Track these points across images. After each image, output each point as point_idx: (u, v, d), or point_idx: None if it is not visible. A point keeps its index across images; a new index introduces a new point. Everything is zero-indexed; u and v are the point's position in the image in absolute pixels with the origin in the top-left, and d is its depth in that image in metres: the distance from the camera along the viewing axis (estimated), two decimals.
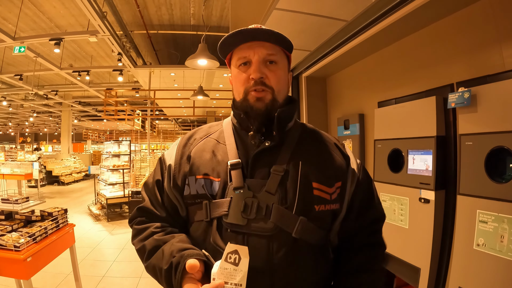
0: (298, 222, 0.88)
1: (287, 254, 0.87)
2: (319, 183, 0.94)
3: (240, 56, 0.98)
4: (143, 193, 1.10)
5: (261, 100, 0.95)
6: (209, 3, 6.45)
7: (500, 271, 1.63)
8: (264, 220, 0.88)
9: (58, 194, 11.45)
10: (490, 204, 1.70)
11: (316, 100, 3.96)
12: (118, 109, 10.45)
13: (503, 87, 1.67)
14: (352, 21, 2.49)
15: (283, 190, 0.91)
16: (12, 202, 3.10)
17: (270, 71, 0.96)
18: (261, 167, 0.95)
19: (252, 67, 0.95)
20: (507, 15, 1.78)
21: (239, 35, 0.95)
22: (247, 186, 0.91)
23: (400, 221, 2.35)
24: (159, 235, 0.95)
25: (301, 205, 0.90)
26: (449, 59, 2.15)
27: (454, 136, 2.07)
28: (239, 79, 0.99)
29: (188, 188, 0.98)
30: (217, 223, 0.91)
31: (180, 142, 1.10)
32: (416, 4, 1.96)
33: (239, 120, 1.04)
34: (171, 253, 0.85)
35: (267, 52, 0.96)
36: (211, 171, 0.97)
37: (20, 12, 6.31)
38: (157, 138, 24.38)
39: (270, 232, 0.87)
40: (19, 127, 28.94)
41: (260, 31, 0.94)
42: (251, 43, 0.96)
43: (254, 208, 0.89)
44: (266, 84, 0.95)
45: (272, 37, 0.95)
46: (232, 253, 0.78)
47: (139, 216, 1.06)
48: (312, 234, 0.91)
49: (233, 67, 1.03)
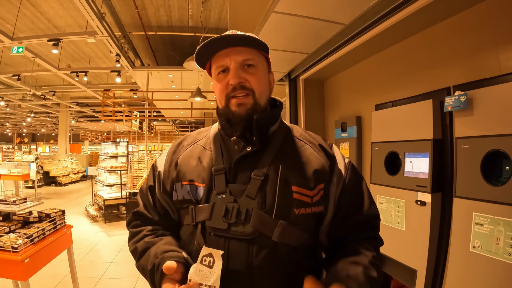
0: (278, 226, 0.90)
1: (266, 257, 0.88)
2: (299, 186, 0.95)
3: (218, 65, 1.00)
4: (138, 198, 1.16)
5: (242, 106, 0.97)
6: (207, 5, 6.45)
7: (496, 273, 1.64)
8: (244, 224, 0.90)
9: (55, 195, 11.43)
10: (486, 207, 1.71)
11: (313, 102, 3.97)
12: (116, 110, 10.43)
13: (500, 91, 1.68)
14: (350, 24, 2.50)
15: (263, 195, 0.93)
16: (10, 203, 3.09)
17: (249, 74, 0.98)
18: (242, 172, 0.97)
19: (230, 74, 0.97)
20: (503, 19, 1.79)
21: (213, 44, 0.97)
22: (229, 191, 0.94)
23: (397, 223, 2.37)
24: (150, 238, 1.01)
25: (280, 209, 0.92)
26: (446, 62, 2.17)
27: (451, 139, 2.08)
28: (219, 87, 1.01)
29: (175, 194, 1.02)
30: (201, 227, 0.94)
31: (170, 149, 1.14)
32: (413, 8, 1.98)
33: (223, 127, 1.07)
34: (156, 254, 0.90)
35: (243, 57, 0.97)
36: (196, 177, 1.00)
37: (19, 12, 6.30)
38: (155, 139, 24.33)
39: (249, 236, 0.89)
40: (17, 128, 28.84)
41: (233, 37, 0.96)
42: (227, 50, 0.98)
43: (234, 212, 0.91)
44: (247, 87, 0.97)
45: (246, 41, 0.97)
46: (207, 256, 0.82)
47: (134, 220, 1.11)
48: (293, 237, 0.92)
49: (213, 76, 1.05)
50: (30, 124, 25.40)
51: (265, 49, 1.03)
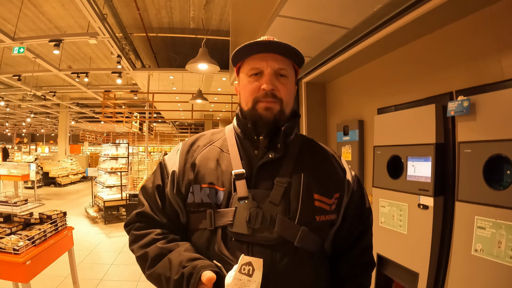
0: (300, 231, 0.92)
1: (289, 262, 0.90)
2: (320, 194, 0.98)
3: (252, 67, 1.00)
4: (141, 197, 1.09)
5: (269, 110, 0.98)
6: (209, 7, 6.46)
7: (497, 276, 1.65)
8: (269, 230, 0.91)
9: (54, 195, 11.40)
10: (488, 211, 1.72)
11: (315, 105, 3.98)
12: (116, 111, 10.43)
13: (502, 96, 1.70)
14: (354, 28, 2.51)
15: (287, 201, 0.94)
16: (11, 204, 3.09)
17: (281, 83, 0.99)
18: (265, 178, 0.97)
19: (264, 78, 0.98)
20: (506, 25, 1.80)
21: (255, 47, 0.98)
22: (251, 196, 0.93)
23: (399, 226, 2.38)
24: (162, 243, 0.96)
25: (303, 215, 0.94)
26: (449, 67, 2.18)
27: (453, 143, 2.10)
28: (249, 88, 1.01)
29: (192, 196, 0.99)
30: (221, 232, 0.93)
31: (183, 148, 1.10)
32: (416, 13, 1.99)
33: (243, 130, 1.05)
34: (180, 262, 0.86)
35: (279, 66, 0.99)
36: (216, 180, 0.98)
37: (20, 12, 6.29)
38: (155, 140, 24.32)
39: (274, 242, 0.90)
40: (16, 128, 28.77)
41: (275, 44, 0.97)
42: (265, 55, 0.99)
43: (259, 218, 0.91)
44: (276, 96, 0.98)
45: (286, 50, 0.98)
46: (246, 264, 0.81)
47: (138, 222, 1.05)
48: (311, 243, 0.95)
49: (243, 76, 1.05)
50: (29, 124, 25.35)
51: (300, 64, 1.05)
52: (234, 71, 1.15)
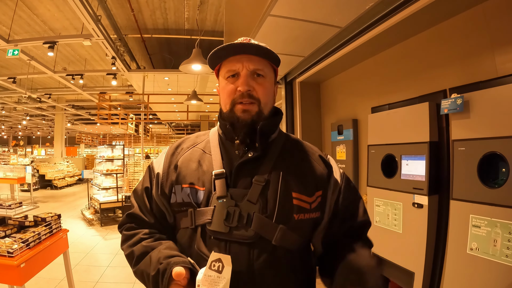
0: (278, 230, 0.92)
1: (266, 260, 0.91)
2: (299, 192, 0.98)
3: (229, 69, 1.01)
4: (132, 199, 1.13)
5: (247, 112, 0.99)
6: (203, 8, 6.44)
7: (493, 275, 1.65)
8: (245, 228, 0.92)
9: (51, 198, 11.34)
10: (483, 209, 1.72)
11: (310, 105, 3.98)
12: (112, 113, 10.39)
13: (496, 93, 1.69)
14: (346, 27, 2.51)
15: (264, 200, 0.95)
16: (5, 207, 3.07)
17: (258, 84, 1.00)
18: (243, 177, 0.98)
19: (240, 80, 0.99)
20: (499, 22, 1.81)
21: (230, 49, 0.99)
22: (230, 195, 0.95)
23: (394, 226, 2.37)
24: (147, 242, 0.99)
25: (281, 214, 0.94)
26: (442, 65, 2.18)
27: (447, 141, 2.09)
28: (226, 90, 1.02)
29: (174, 196, 1.02)
30: (201, 230, 0.95)
31: (168, 151, 1.13)
32: (409, 11, 1.99)
33: (224, 131, 1.07)
34: (158, 259, 0.88)
35: (255, 66, 0.99)
36: (197, 180, 1.00)
37: (14, 14, 6.25)
38: (151, 142, 24.26)
39: (250, 240, 0.91)
40: (12, 130, 28.65)
41: (249, 45, 0.98)
42: (240, 56, 0.99)
43: (236, 216, 0.92)
44: (254, 96, 0.99)
45: (260, 51, 0.98)
46: (216, 261, 0.82)
47: (128, 222, 1.09)
48: (291, 241, 0.95)
49: (221, 78, 1.06)
50: (25, 127, 25.26)
51: (277, 62, 1.05)
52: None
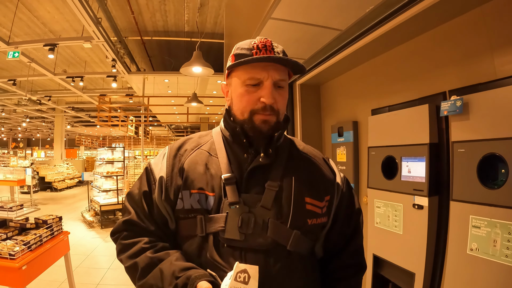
0: (293, 235, 0.91)
1: (282, 266, 0.90)
2: (311, 197, 0.97)
3: (252, 76, 0.93)
4: (128, 205, 1.04)
5: (267, 123, 0.94)
6: (203, 10, 6.47)
7: (493, 275, 1.65)
8: (262, 235, 0.89)
9: (51, 200, 11.35)
10: (483, 210, 1.72)
11: (310, 107, 3.98)
12: (112, 115, 10.41)
13: (495, 95, 1.70)
14: (346, 30, 2.52)
15: (278, 205, 0.93)
16: (7, 209, 3.07)
17: (279, 95, 0.95)
18: (255, 183, 0.95)
19: (265, 91, 0.92)
20: (498, 24, 1.81)
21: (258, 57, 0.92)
22: (242, 201, 0.91)
23: (395, 227, 2.38)
24: (152, 252, 0.92)
25: (295, 219, 0.93)
26: (442, 67, 2.19)
27: (447, 143, 2.10)
28: (246, 98, 0.95)
29: (181, 202, 0.96)
30: (213, 239, 0.91)
31: (170, 152, 1.05)
32: (409, 14, 2.00)
33: (232, 133, 1.01)
34: (173, 273, 0.84)
35: (280, 77, 0.94)
36: (206, 185, 0.95)
37: (15, 17, 6.28)
38: (151, 144, 24.27)
39: (267, 247, 0.89)
40: (12, 132, 28.63)
41: (278, 58, 0.91)
42: (265, 64, 0.92)
43: (251, 223, 0.89)
44: (274, 109, 0.94)
45: (288, 62, 0.92)
46: (241, 272, 0.79)
47: (125, 230, 1.00)
48: (304, 246, 0.95)
49: (237, 82, 0.98)
50: (25, 129, 25.25)
51: (299, 72, 1.00)
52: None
